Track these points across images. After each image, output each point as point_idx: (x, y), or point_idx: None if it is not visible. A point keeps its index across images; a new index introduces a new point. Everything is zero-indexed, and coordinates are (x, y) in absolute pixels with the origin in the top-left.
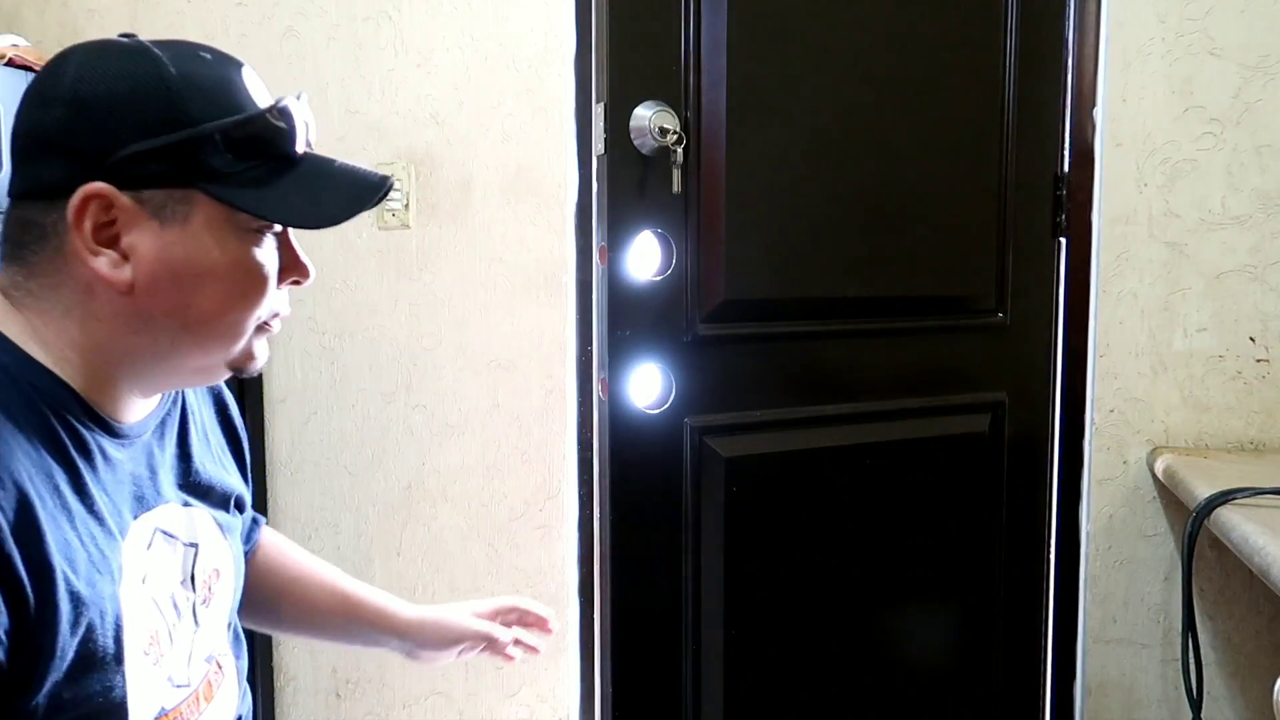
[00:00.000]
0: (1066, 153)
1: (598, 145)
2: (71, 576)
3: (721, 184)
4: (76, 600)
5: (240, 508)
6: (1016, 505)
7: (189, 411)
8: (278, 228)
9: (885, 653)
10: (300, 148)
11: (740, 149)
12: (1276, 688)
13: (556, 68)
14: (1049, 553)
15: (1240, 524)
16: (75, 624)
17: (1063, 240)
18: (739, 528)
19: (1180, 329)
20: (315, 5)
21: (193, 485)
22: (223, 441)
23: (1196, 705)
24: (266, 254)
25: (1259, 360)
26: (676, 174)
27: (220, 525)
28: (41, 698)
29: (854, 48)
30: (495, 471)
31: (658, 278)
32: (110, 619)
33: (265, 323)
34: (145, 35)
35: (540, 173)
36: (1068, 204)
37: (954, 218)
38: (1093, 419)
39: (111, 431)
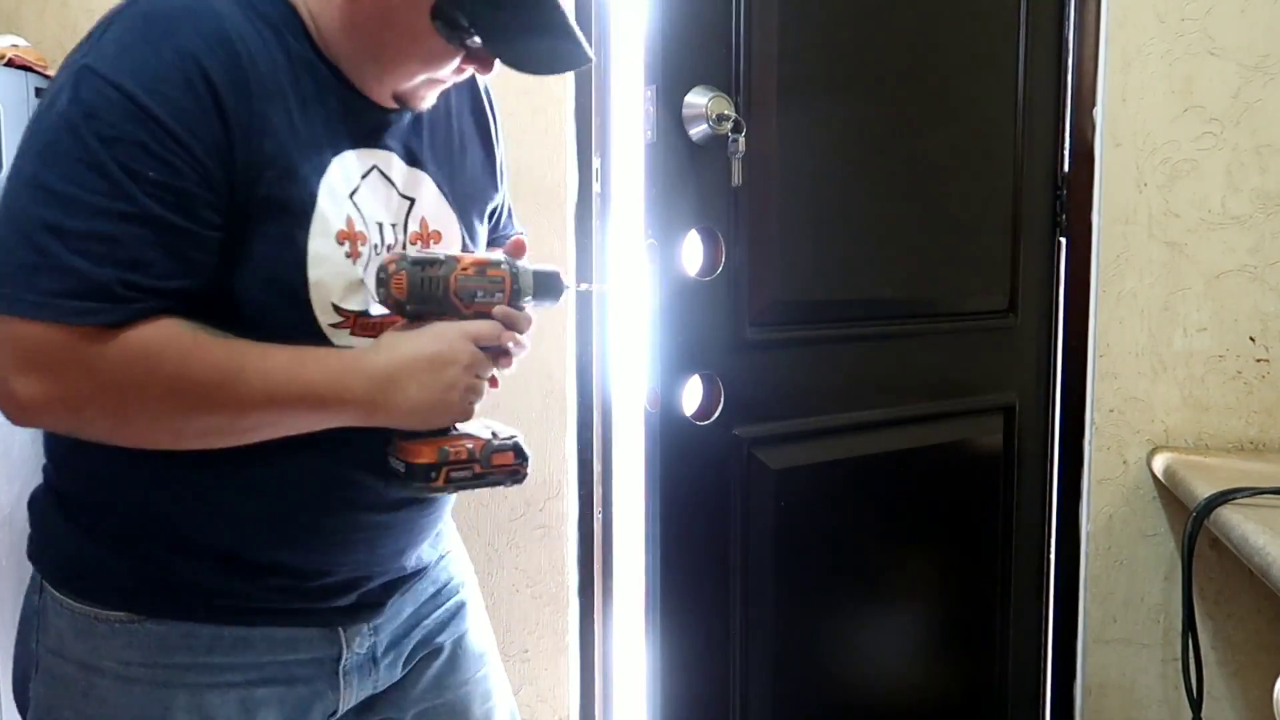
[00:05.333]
0: (1066, 153)
1: (647, 133)
2: (269, 127)
3: (775, 176)
4: (262, 140)
5: (485, 201)
6: (1024, 506)
7: (445, 107)
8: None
9: (905, 656)
10: None
11: (791, 139)
12: (1277, 688)
13: None
14: (1049, 553)
15: (1240, 524)
16: (261, 160)
17: (1063, 240)
18: (788, 544)
19: (1180, 329)
20: None
21: (422, 155)
22: (473, 130)
23: (1196, 705)
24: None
25: (1259, 360)
26: (736, 165)
27: (448, 200)
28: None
29: (890, 39)
30: None
31: (706, 278)
32: (299, 184)
33: (438, 79)
34: None
35: (540, 173)
36: (1068, 204)
37: (975, 217)
38: (1092, 419)
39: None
